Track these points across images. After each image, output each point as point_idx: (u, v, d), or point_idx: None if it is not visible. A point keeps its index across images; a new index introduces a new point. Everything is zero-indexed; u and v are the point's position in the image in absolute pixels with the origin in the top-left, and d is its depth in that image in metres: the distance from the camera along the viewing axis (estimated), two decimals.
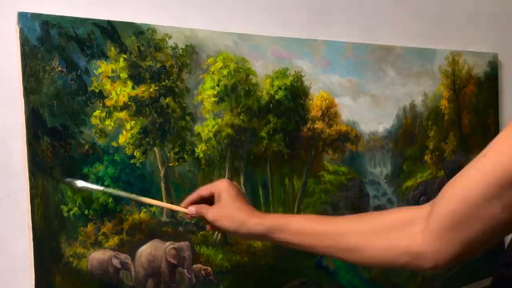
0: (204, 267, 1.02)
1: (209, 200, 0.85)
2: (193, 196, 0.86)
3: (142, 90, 0.94)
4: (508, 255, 0.74)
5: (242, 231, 0.78)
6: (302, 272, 1.17)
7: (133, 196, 0.88)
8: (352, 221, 0.73)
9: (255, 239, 0.83)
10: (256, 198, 1.10)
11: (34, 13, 0.82)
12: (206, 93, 1.02)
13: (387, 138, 1.35)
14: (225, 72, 1.04)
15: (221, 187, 0.83)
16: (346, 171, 1.27)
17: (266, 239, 0.79)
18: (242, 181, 1.08)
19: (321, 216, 0.79)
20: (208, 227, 0.85)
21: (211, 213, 0.81)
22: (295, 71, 1.15)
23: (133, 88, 0.93)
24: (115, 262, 0.91)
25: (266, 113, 1.11)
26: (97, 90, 0.89)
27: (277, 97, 1.13)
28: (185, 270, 0.99)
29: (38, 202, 0.83)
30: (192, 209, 0.84)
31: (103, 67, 0.89)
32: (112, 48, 0.90)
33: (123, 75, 0.91)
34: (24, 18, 0.81)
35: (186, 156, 1.00)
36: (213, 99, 1.03)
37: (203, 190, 0.86)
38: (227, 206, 0.80)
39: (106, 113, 0.90)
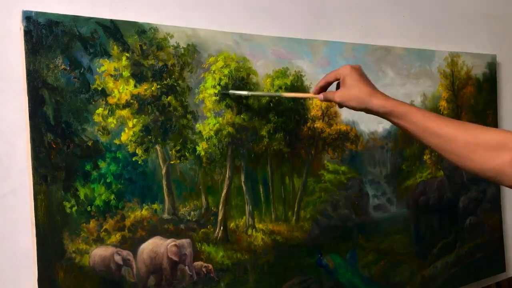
0: (205, 264, 1.02)
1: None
2: (320, 82, 0.97)
3: (144, 89, 0.95)
4: None
5: (366, 109, 0.89)
6: (302, 270, 1.18)
7: (273, 94, 1.08)
8: (460, 128, 0.80)
9: (377, 115, 0.90)
10: (257, 196, 1.11)
11: (38, 11, 0.83)
12: (207, 92, 1.03)
13: (386, 138, 1.36)
14: (226, 71, 1.05)
15: (345, 71, 0.91)
16: (346, 171, 1.27)
17: (386, 118, 0.89)
18: (242, 179, 1.09)
19: (436, 115, 0.84)
20: (338, 106, 0.95)
21: (338, 96, 0.91)
22: (295, 71, 1.17)
23: (135, 86, 0.94)
24: (117, 258, 0.91)
25: (266, 112, 1.12)
26: (100, 88, 0.90)
27: None
28: (186, 267, 0.99)
29: (41, 199, 0.83)
30: (320, 96, 0.96)
31: (106, 66, 0.90)
32: (115, 47, 0.91)
33: (126, 73, 0.93)
34: (28, 17, 0.82)
35: (187, 154, 1.01)
36: (214, 98, 1.04)
37: (329, 77, 0.96)
38: (352, 88, 0.89)
39: (109, 111, 0.91)
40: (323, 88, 0.98)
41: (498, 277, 1.68)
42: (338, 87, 0.95)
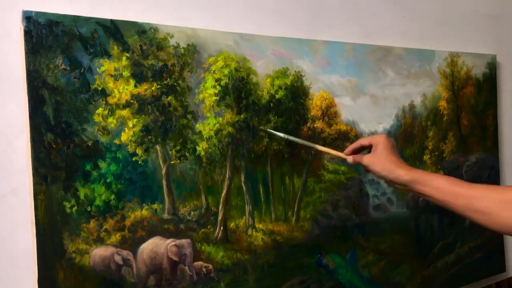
0: (205, 264, 1.02)
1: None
2: (355, 144, 1.03)
3: (144, 89, 0.95)
4: None
5: (390, 177, 0.94)
6: (302, 270, 1.18)
7: (309, 143, 1.11)
8: (487, 188, 0.82)
9: (399, 186, 0.94)
10: (257, 196, 1.11)
11: (38, 11, 0.83)
12: (207, 92, 1.03)
13: None
14: (226, 71, 1.05)
15: (380, 140, 0.97)
16: (346, 170, 1.27)
17: (408, 188, 0.92)
18: (242, 179, 1.09)
19: (459, 180, 0.87)
20: (365, 170, 1.00)
21: (367, 159, 0.97)
22: (295, 71, 1.17)
23: (135, 86, 0.94)
24: (117, 258, 0.91)
25: (266, 112, 1.12)
26: (100, 88, 0.90)
27: (277, 96, 1.14)
28: (186, 267, 0.99)
29: (41, 199, 0.83)
30: (350, 158, 1.02)
31: (106, 66, 0.90)
32: (115, 47, 0.91)
33: (126, 73, 0.93)
34: (28, 17, 0.82)
35: (187, 154, 1.01)
36: (214, 98, 1.04)
37: (364, 140, 1.02)
38: (381, 156, 0.95)
39: (109, 111, 0.91)
40: (355, 150, 1.03)
41: (498, 277, 1.68)
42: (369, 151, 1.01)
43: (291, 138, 1.11)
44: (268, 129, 1.10)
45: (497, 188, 0.83)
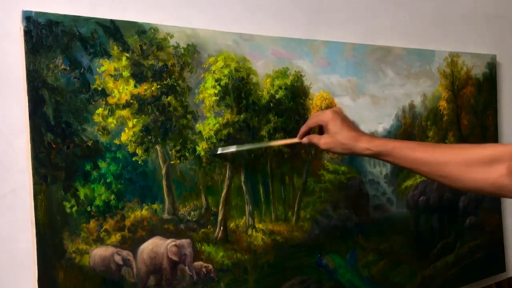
0: (205, 264, 1.02)
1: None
2: (303, 128, 0.99)
3: (144, 89, 0.95)
4: None
5: (353, 154, 0.93)
6: (302, 270, 1.18)
7: (262, 144, 1.07)
8: (448, 152, 0.82)
9: (365, 156, 0.93)
10: (257, 196, 1.11)
11: (38, 11, 0.83)
12: (207, 92, 1.03)
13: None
14: (226, 71, 1.05)
15: (327, 117, 0.93)
16: (346, 171, 1.28)
17: (374, 158, 0.92)
18: (242, 179, 1.09)
19: (422, 144, 0.87)
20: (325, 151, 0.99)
21: (323, 143, 0.94)
22: (295, 71, 1.17)
23: (135, 86, 0.94)
24: (117, 258, 0.91)
25: (266, 112, 1.12)
26: (99, 88, 0.90)
27: (277, 96, 1.14)
28: (186, 267, 0.99)
29: (41, 199, 0.83)
30: (305, 140, 0.98)
31: (106, 66, 0.90)
32: (115, 47, 0.91)
33: (126, 73, 0.93)
34: (28, 17, 0.82)
35: (187, 154, 1.01)
36: (214, 98, 1.04)
37: (311, 122, 0.98)
38: (336, 135, 0.92)
39: (109, 111, 0.91)
40: (306, 133, 0.99)
41: (498, 277, 1.68)
42: (321, 131, 0.97)
43: (242, 148, 1.05)
44: (219, 151, 1.04)
45: (459, 149, 0.81)
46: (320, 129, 0.98)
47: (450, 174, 0.80)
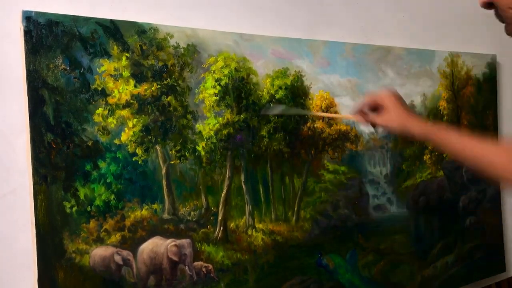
0: (205, 264, 1.02)
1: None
2: (359, 105, 1.01)
3: (144, 89, 0.95)
4: None
5: (405, 133, 0.95)
6: (302, 270, 1.18)
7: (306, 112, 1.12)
8: (493, 144, 0.87)
9: (414, 138, 1.00)
10: (257, 196, 1.11)
11: (38, 11, 0.83)
12: (207, 92, 1.03)
13: (386, 138, 1.36)
14: (226, 71, 1.05)
15: (384, 96, 0.97)
16: (346, 171, 1.27)
17: (424, 140, 0.99)
18: (242, 179, 1.09)
19: (470, 139, 0.89)
20: (379, 128, 1.02)
21: (379, 120, 0.97)
22: (295, 71, 1.17)
23: (135, 86, 0.94)
24: (117, 258, 0.91)
25: None
26: (100, 88, 0.90)
27: (277, 96, 1.14)
28: (186, 267, 0.99)
29: (41, 199, 0.83)
30: (359, 117, 1.01)
31: (106, 66, 0.90)
32: (115, 47, 0.91)
33: (126, 73, 0.93)
34: (28, 17, 0.82)
35: (187, 154, 1.01)
36: (214, 98, 1.04)
37: (368, 100, 1.00)
38: (391, 112, 0.95)
39: (109, 111, 0.91)
40: (361, 111, 1.02)
41: (498, 277, 1.68)
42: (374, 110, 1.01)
43: (289, 111, 1.10)
44: (268, 111, 1.09)
45: (504, 140, 0.86)
46: (373, 110, 1.01)
47: (498, 160, 0.82)
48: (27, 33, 0.82)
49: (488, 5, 0.90)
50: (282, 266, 1.14)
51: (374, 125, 1.00)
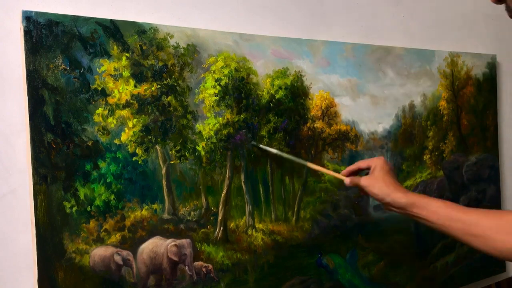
0: (205, 264, 1.02)
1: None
2: (353, 166, 1.04)
3: (144, 89, 0.95)
4: None
5: (386, 200, 0.94)
6: (302, 270, 1.18)
7: (301, 160, 1.10)
8: (483, 213, 0.84)
9: (396, 210, 0.95)
10: (257, 196, 1.11)
11: (38, 11, 0.83)
12: (207, 92, 1.03)
13: (386, 138, 1.36)
14: (226, 71, 1.05)
15: (378, 162, 0.98)
16: None
17: (405, 212, 0.93)
18: (242, 179, 1.09)
19: (455, 204, 0.89)
20: (361, 192, 1.02)
21: (364, 181, 0.98)
22: (295, 71, 1.17)
23: (135, 86, 0.94)
24: (117, 258, 0.91)
25: (266, 112, 1.12)
26: (99, 88, 0.90)
27: (277, 96, 1.14)
28: (186, 267, 0.99)
29: (41, 199, 0.83)
30: (347, 180, 1.01)
31: (106, 66, 0.90)
32: (115, 47, 0.91)
33: (126, 73, 0.93)
34: (28, 17, 0.82)
35: (187, 154, 1.01)
36: (214, 98, 1.04)
37: (362, 163, 1.02)
38: (379, 179, 0.96)
39: (109, 111, 0.91)
40: (353, 172, 1.04)
41: (498, 277, 1.68)
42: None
43: (284, 155, 1.10)
44: (262, 146, 1.10)
45: (491, 212, 0.84)
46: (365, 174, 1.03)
47: (482, 233, 0.81)
48: (27, 33, 0.82)
49: (498, 0, 0.88)
50: (282, 266, 1.14)
51: (358, 185, 1.00)
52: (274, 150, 1.10)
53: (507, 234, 0.79)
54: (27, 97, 0.82)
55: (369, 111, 1.32)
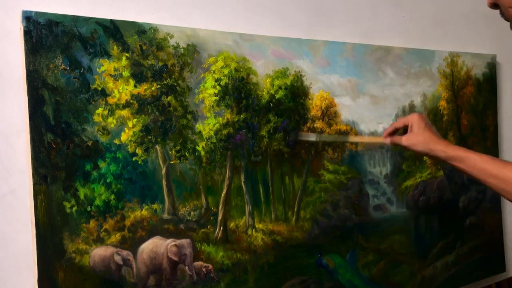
0: (205, 264, 1.02)
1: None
2: (389, 128, 1.08)
3: (144, 89, 0.95)
4: None
5: (430, 154, 0.99)
6: (302, 270, 1.18)
7: (343, 138, 1.18)
8: (506, 166, 0.88)
9: (438, 160, 1.02)
10: (257, 196, 1.11)
11: (38, 11, 0.83)
12: (207, 92, 1.03)
13: None
14: (226, 71, 1.05)
15: (413, 119, 1.02)
16: (346, 171, 1.27)
17: (446, 163, 0.98)
18: (242, 179, 1.09)
19: (493, 158, 0.92)
20: (405, 149, 1.05)
21: (405, 140, 1.02)
22: (295, 71, 1.17)
23: (135, 86, 0.94)
24: (117, 258, 0.91)
25: (266, 112, 1.12)
26: (99, 88, 0.90)
27: (277, 96, 1.14)
28: (186, 267, 0.99)
29: (41, 199, 0.83)
30: (388, 140, 1.07)
31: (105, 66, 0.90)
32: (115, 47, 0.91)
33: (126, 73, 0.93)
34: (28, 17, 0.82)
35: (187, 154, 1.01)
36: (214, 98, 1.04)
37: (398, 123, 1.06)
38: (418, 134, 1.00)
39: (109, 111, 0.91)
40: (391, 133, 1.08)
41: (498, 277, 1.68)
42: (404, 132, 1.06)
43: (324, 138, 1.16)
44: (303, 137, 1.14)
45: None
46: (404, 132, 1.06)
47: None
48: (27, 33, 0.82)
49: (494, 6, 0.91)
50: (282, 266, 1.14)
51: (400, 145, 1.04)
52: (313, 137, 1.14)
53: None
54: (27, 97, 0.82)
55: (369, 111, 1.32)
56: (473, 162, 0.92)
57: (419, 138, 0.99)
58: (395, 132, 1.08)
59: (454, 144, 1.00)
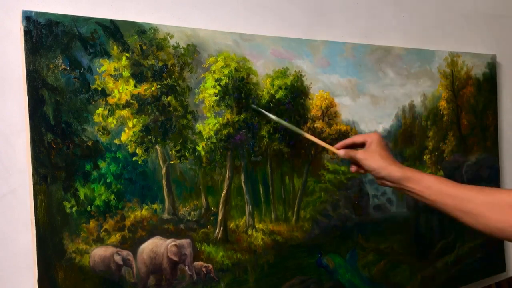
0: (205, 264, 1.02)
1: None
2: (347, 141, 1.04)
3: (144, 89, 0.95)
4: None
5: (382, 174, 0.94)
6: (302, 270, 1.18)
7: (296, 128, 1.11)
8: (476, 190, 0.83)
9: (390, 184, 0.95)
10: (257, 196, 1.11)
11: (38, 11, 0.83)
12: (207, 92, 1.03)
13: (386, 138, 1.36)
14: (226, 71, 1.05)
15: (374, 137, 0.99)
16: (346, 171, 1.27)
17: (399, 186, 0.93)
18: (242, 179, 1.09)
19: (449, 180, 0.88)
20: (353, 168, 1.03)
21: (361, 153, 0.98)
22: (295, 71, 1.17)
23: (135, 86, 0.94)
24: (117, 258, 0.91)
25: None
26: (100, 88, 0.90)
27: (277, 96, 1.14)
28: (186, 267, 0.99)
29: (41, 199, 0.83)
30: (341, 152, 1.02)
31: (106, 66, 0.90)
32: (115, 47, 0.91)
33: (126, 73, 0.93)
34: (28, 17, 0.82)
35: (187, 154, 1.01)
36: (214, 98, 1.04)
37: (357, 138, 1.03)
38: (375, 153, 0.97)
39: (109, 111, 0.91)
40: (348, 147, 1.04)
41: (498, 277, 1.68)
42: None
43: (282, 122, 1.10)
44: (259, 109, 1.10)
45: (485, 189, 0.83)
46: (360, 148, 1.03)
47: (474, 210, 0.81)
48: (27, 33, 0.82)
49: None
50: (282, 266, 1.14)
51: (354, 158, 1.00)
52: (272, 116, 1.10)
53: (499, 212, 0.78)
54: (27, 97, 0.82)
55: (369, 111, 1.32)
56: (430, 182, 0.88)
57: (376, 156, 0.96)
58: (351, 146, 1.04)
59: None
